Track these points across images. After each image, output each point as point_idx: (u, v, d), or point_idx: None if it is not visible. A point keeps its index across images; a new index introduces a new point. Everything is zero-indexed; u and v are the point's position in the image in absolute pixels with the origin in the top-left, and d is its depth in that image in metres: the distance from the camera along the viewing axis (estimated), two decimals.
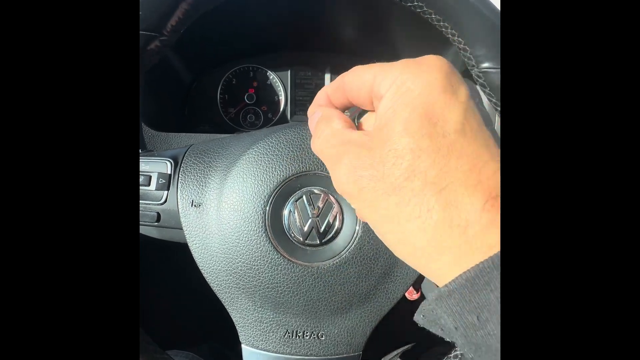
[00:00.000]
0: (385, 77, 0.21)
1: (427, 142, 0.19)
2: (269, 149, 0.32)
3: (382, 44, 0.65)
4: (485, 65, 0.33)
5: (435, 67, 0.20)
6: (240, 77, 0.69)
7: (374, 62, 0.23)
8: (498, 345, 0.16)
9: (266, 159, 0.32)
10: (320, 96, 0.27)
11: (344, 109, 0.26)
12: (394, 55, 0.66)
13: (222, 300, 0.32)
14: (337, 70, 0.69)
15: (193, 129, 0.65)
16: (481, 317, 0.17)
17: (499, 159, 0.19)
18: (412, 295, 0.52)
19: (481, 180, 0.18)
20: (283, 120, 0.69)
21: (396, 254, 0.21)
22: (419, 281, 0.51)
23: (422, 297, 0.58)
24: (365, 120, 0.25)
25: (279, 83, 0.69)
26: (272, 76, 0.69)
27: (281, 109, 0.69)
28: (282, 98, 0.69)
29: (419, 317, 0.20)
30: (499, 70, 0.33)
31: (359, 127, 0.25)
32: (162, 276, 0.63)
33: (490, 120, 0.50)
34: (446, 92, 0.20)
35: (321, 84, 0.70)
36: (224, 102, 0.69)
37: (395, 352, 0.63)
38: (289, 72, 0.69)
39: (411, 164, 0.19)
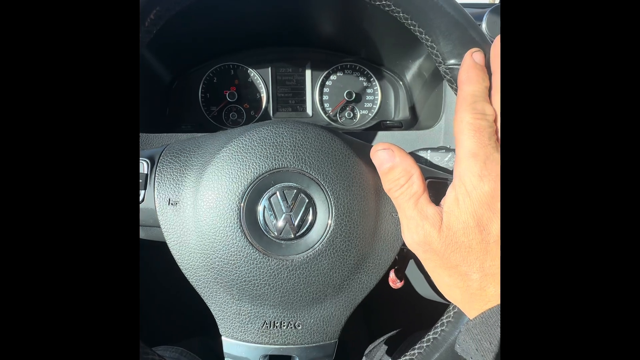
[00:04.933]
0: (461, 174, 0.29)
1: (476, 245, 0.29)
2: (243, 146, 0.33)
3: (359, 40, 0.66)
4: (452, 62, 0.34)
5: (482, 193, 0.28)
6: (221, 75, 0.69)
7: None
8: None
9: (240, 156, 0.33)
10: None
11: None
12: (371, 51, 0.67)
13: (201, 295, 0.33)
14: (317, 65, 0.70)
15: (176, 129, 0.66)
16: (492, 343, 0.27)
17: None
18: (395, 283, 0.54)
19: (489, 272, 0.29)
20: (265, 117, 0.70)
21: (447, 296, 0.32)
22: (401, 270, 0.52)
23: (406, 285, 0.59)
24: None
25: (260, 80, 0.69)
26: (253, 73, 0.69)
27: (263, 106, 0.70)
28: (263, 95, 0.70)
29: (457, 347, 0.31)
30: None
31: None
32: (149, 273, 0.64)
33: None
34: (491, 206, 0.28)
35: (302, 80, 0.71)
36: (205, 101, 0.69)
37: (381, 339, 0.65)
38: (269, 69, 0.69)
39: (464, 256, 0.29)
